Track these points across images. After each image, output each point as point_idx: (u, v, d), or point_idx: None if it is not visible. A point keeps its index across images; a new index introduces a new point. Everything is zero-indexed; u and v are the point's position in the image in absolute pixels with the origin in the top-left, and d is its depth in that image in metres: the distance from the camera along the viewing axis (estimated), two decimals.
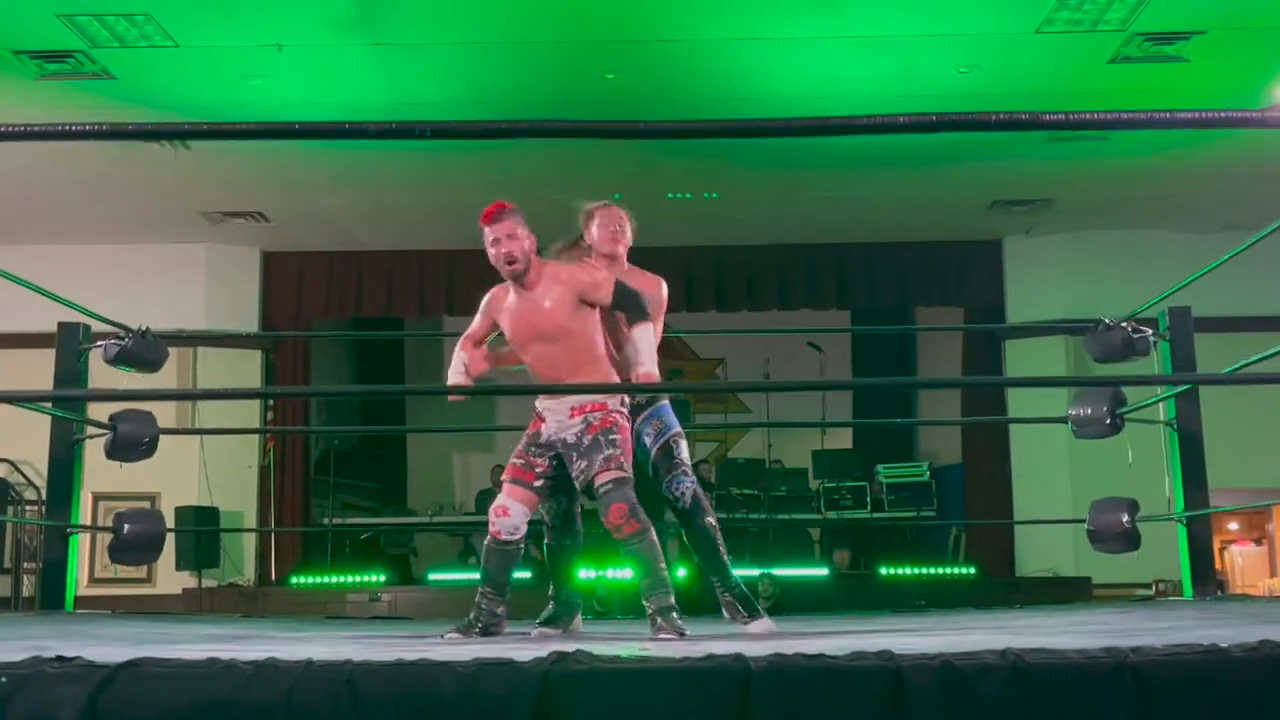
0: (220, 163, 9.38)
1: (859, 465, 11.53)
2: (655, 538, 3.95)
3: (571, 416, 4.03)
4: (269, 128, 2.57)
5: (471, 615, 4.01)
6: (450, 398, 4.45)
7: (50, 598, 5.88)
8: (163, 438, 6.14)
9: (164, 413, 7.23)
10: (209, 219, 10.70)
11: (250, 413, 11.21)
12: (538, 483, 4.07)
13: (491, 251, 4.00)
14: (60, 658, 2.07)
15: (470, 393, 4.21)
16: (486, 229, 3.98)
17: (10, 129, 2.45)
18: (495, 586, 4.03)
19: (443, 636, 3.86)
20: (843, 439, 12.35)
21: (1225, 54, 7.56)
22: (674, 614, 3.84)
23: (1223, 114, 1.66)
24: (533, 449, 4.07)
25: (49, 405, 5.90)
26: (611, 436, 3.99)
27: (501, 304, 4.15)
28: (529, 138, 3.18)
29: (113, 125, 2.51)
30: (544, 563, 4.49)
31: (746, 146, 8.89)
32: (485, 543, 4.05)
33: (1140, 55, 7.62)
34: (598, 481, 3.94)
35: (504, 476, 4.09)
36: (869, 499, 11.07)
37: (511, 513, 4.02)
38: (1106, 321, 5.62)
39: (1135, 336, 5.44)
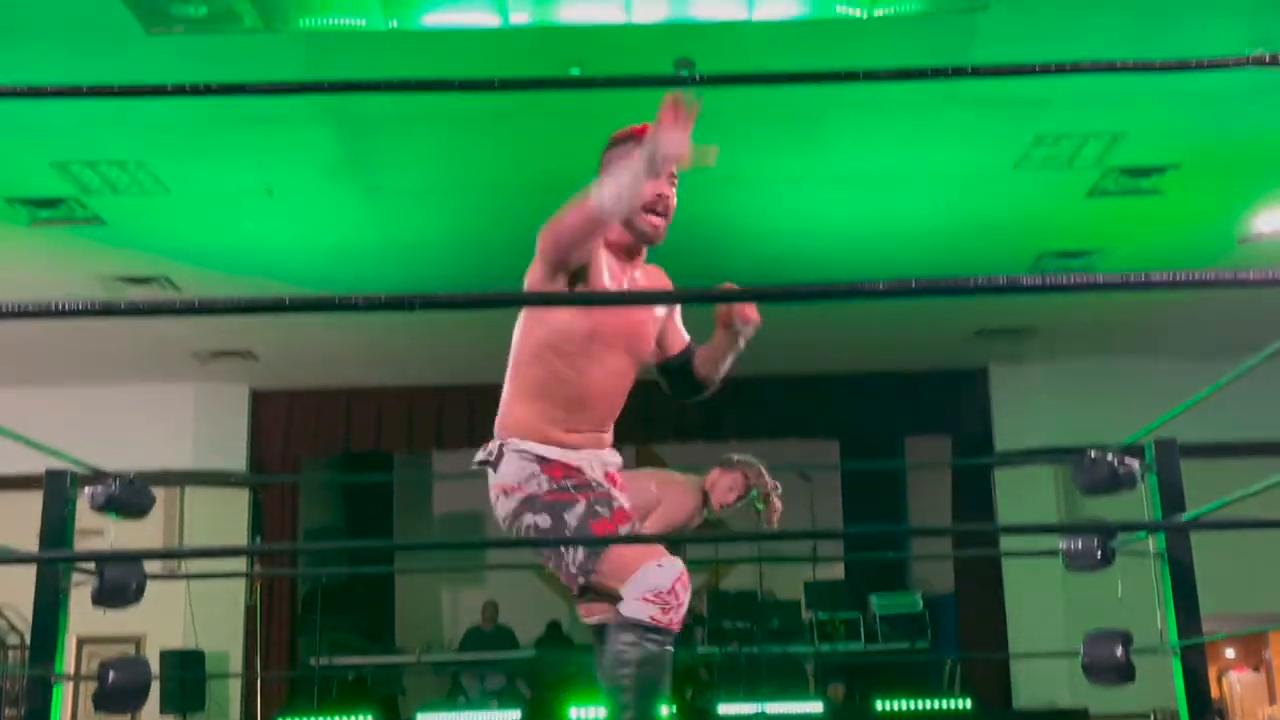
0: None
1: (851, 596, 11.45)
2: None
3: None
4: (256, 302, 2.61)
5: None
6: None
7: None
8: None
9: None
10: (198, 359, 10.73)
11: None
12: None
13: (651, 191, 3.07)
14: None
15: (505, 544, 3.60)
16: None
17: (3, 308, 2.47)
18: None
19: None
20: (835, 569, 12.27)
21: (1199, 187, 7.71)
22: None
23: (1198, 274, 1.70)
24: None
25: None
26: None
27: (600, 265, 3.05)
28: (515, 306, 3.23)
29: (104, 303, 2.54)
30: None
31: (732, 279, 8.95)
32: (642, 647, 2.76)
33: (1117, 189, 7.76)
34: None
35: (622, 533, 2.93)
36: (863, 630, 10.98)
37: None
38: (1091, 454, 5.62)
39: (1121, 470, 5.44)
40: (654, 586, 2.81)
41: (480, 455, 3.15)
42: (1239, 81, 6.46)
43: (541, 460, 3.05)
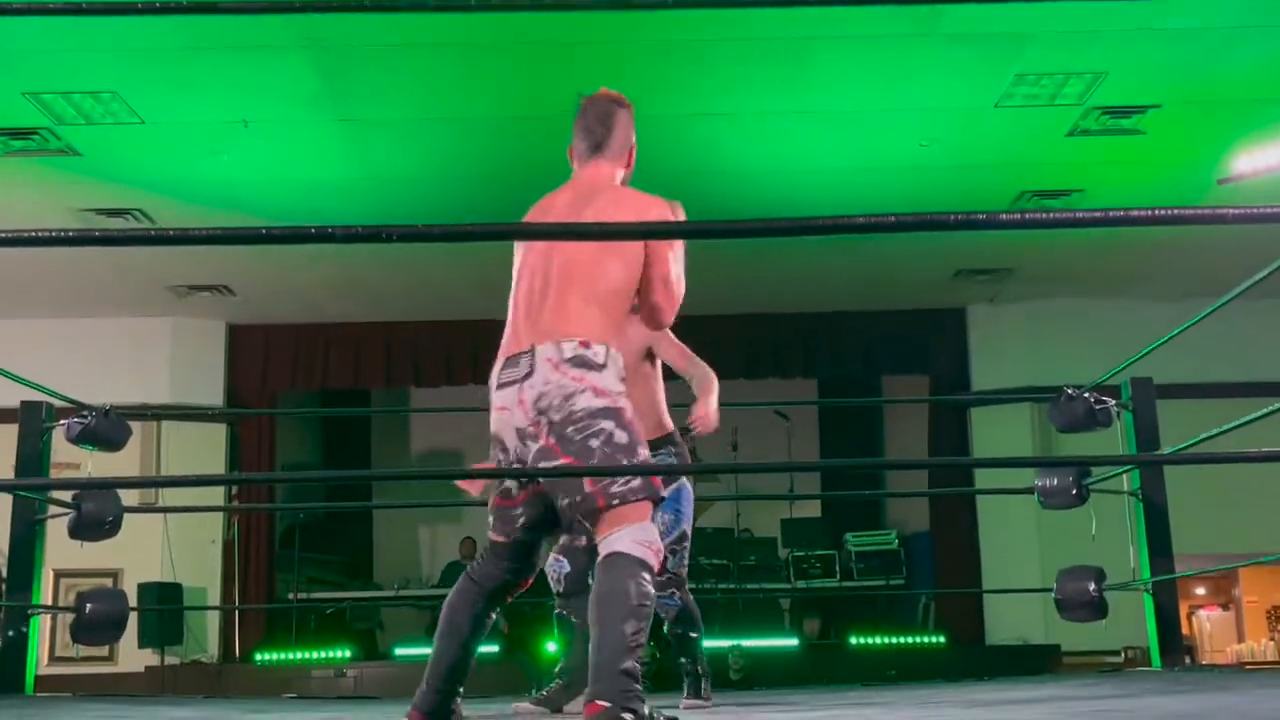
0: None
1: (827, 533, 11.52)
2: None
3: None
4: (233, 232, 2.58)
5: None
6: (460, 484, 3.50)
7: (9, 680, 5.78)
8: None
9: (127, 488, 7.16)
10: (175, 293, 10.66)
11: (214, 488, 11.11)
12: None
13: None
14: None
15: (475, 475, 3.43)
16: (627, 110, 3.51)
17: None
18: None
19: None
20: (811, 507, 12.35)
21: (1180, 127, 7.69)
22: None
23: (1176, 211, 1.69)
24: None
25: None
26: None
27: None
28: (492, 240, 3.20)
29: (79, 231, 2.50)
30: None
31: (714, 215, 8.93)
32: (648, 587, 2.86)
33: (1098, 129, 7.74)
34: None
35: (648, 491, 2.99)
36: (838, 567, 11.06)
37: None
38: (1069, 392, 5.66)
39: (1097, 408, 5.48)
40: (653, 540, 2.93)
41: (580, 350, 3.04)
42: (1221, 21, 6.44)
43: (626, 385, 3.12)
